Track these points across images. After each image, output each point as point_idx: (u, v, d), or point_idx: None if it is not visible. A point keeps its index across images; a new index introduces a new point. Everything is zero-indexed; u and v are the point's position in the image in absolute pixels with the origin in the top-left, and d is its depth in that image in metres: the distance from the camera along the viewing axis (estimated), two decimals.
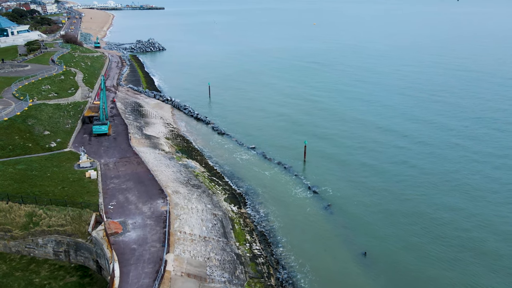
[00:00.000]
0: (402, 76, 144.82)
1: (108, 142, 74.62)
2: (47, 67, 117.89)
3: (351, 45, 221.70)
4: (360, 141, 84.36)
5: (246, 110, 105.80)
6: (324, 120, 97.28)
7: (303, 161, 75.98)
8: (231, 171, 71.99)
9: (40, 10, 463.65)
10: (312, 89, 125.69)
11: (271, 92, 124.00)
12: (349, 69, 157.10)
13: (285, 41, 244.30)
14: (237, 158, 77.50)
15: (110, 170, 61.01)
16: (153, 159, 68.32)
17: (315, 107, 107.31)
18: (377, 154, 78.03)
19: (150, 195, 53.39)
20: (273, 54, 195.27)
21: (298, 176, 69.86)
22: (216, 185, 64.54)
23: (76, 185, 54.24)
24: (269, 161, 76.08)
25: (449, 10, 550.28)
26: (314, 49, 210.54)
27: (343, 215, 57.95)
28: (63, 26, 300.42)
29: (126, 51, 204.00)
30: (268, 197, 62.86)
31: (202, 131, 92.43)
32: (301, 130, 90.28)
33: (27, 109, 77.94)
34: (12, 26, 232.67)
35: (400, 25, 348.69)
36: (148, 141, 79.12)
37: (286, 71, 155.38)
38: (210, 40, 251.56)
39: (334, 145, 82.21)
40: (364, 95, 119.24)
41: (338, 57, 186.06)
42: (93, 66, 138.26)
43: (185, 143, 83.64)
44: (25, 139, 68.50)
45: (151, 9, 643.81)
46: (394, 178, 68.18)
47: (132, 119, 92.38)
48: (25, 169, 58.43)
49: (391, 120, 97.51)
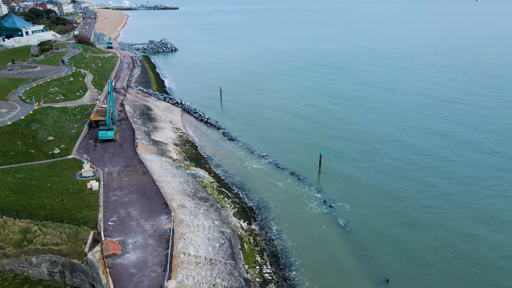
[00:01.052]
0: (422, 80, 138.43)
1: (114, 149, 71.40)
2: (57, 68, 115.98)
3: (368, 47, 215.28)
4: (380, 152, 79.18)
5: (258, 115, 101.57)
6: (340, 128, 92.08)
7: (318, 171, 71.37)
8: (241, 181, 67.87)
9: (57, 10, 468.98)
10: (328, 94, 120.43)
11: (284, 96, 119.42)
12: (365, 72, 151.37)
13: (300, 42, 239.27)
14: (248, 167, 73.36)
15: (113, 180, 57.60)
16: (160, 168, 64.73)
17: (331, 114, 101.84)
18: (399, 166, 72.79)
19: (153, 210, 49.66)
20: (288, 55, 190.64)
21: (313, 189, 65.30)
22: (225, 198, 60.51)
23: (76, 197, 50.91)
24: (282, 171, 71.71)
25: (468, 10, 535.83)
26: (329, 50, 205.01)
27: (363, 234, 53.19)
28: (78, 26, 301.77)
29: (138, 51, 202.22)
30: (280, 212, 58.53)
31: (212, 136, 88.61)
32: (316, 138, 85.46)
33: (32, 113, 75.39)
34: (27, 26, 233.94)
35: (418, 25, 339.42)
36: (156, 148, 75.66)
37: (301, 74, 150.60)
38: (223, 41, 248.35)
39: (352, 155, 77.22)
40: (383, 101, 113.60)
41: (354, 59, 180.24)
42: (104, 67, 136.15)
43: (194, 150, 79.92)
44: (28, 145, 65.76)
45: (166, 9, 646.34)
46: (420, 194, 62.96)
47: (140, 123, 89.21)
48: (25, 178, 55.47)
49: (412, 128, 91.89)
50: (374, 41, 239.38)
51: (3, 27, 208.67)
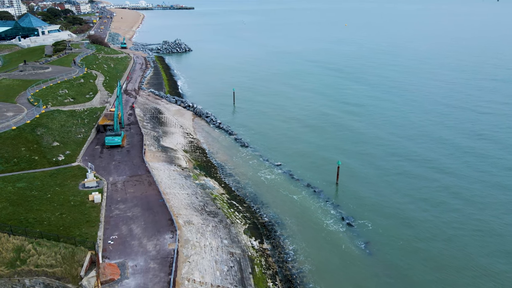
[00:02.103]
0: (445, 85, 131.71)
1: (121, 156, 68.22)
2: (68, 69, 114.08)
3: (386, 49, 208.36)
4: (404, 165, 73.82)
5: (272, 121, 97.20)
6: (360, 137, 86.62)
7: (335, 184, 66.64)
8: (253, 193, 63.68)
9: (74, 9, 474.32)
10: (346, 100, 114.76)
11: (300, 101, 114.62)
12: (384, 77, 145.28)
13: (316, 43, 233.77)
14: (261, 177, 69.12)
15: (117, 192, 54.22)
16: (167, 178, 61.14)
17: (350, 121, 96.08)
18: (426, 181, 67.40)
19: (158, 227, 45.96)
20: (303, 57, 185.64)
21: (330, 203, 60.65)
22: (236, 212, 56.45)
23: (76, 211, 47.63)
24: (297, 182, 67.23)
25: (489, 11, 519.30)
26: (346, 52, 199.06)
27: (385, 258, 48.35)
28: (94, 26, 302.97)
29: (152, 52, 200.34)
30: (294, 229, 54.12)
31: (224, 143, 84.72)
32: (333, 148, 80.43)
33: (39, 116, 72.90)
34: (43, 25, 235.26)
35: (439, 26, 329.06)
36: (164, 155, 72.21)
37: (317, 77, 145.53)
38: (238, 41, 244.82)
39: (372, 167, 72.04)
40: (404, 109, 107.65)
41: (372, 61, 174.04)
42: (116, 68, 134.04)
43: (204, 157, 76.17)
44: (31, 151, 63.09)
45: (181, 9, 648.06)
46: (449, 214, 57.63)
47: (149, 128, 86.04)
48: (25, 188, 52.57)
49: (438, 137, 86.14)
50: (393, 42, 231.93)
51: (20, 26, 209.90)
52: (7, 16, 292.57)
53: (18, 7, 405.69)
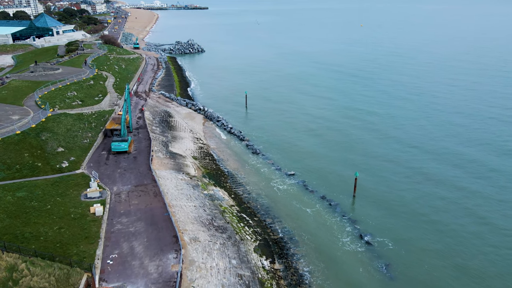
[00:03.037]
0: (471, 88, 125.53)
1: (127, 163, 65.38)
2: (79, 70, 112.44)
3: (404, 50, 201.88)
4: (429, 176, 69.03)
5: (285, 126, 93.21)
6: (379, 145, 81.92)
7: (352, 196, 62.40)
8: (265, 205, 59.93)
9: (90, 9, 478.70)
10: (364, 105, 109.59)
11: (315, 105, 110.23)
12: (404, 79, 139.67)
13: (331, 44, 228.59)
14: (273, 187, 65.35)
15: (121, 204, 51.23)
16: (174, 188, 57.94)
17: (368, 128, 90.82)
18: (453, 194, 62.61)
19: (161, 245, 42.68)
20: (319, 58, 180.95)
21: (347, 218, 56.49)
22: (246, 227, 52.83)
23: (75, 225, 44.75)
24: (311, 194, 63.22)
25: (509, 11, 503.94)
26: (362, 54, 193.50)
27: (409, 282, 44.01)
28: (108, 26, 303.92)
29: (165, 52, 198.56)
30: (308, 248, 50.18)
31: (235, 149, 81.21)
32: (350, 157, 75.83)
33: (44, 120, 70.70)
34: (58, 25, 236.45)
35: (458, 27, 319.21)
36: (172, 162, 69.11)
37: (334, 80, 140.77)
38: (252, 42, 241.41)
39: (392, 179, 67.39)
40: (426, 114, 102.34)
41: (389, 64, 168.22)
42: (127, 69, 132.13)
43: (214, 165, 72.78)
44: (35, 157, 60.74)
45: (195, 8, 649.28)
46: (484, 238, 52.81)
47: (158, 132, 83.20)
48: (25, 198, 50.03)
49: (464, 146, 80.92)
50: (411, 44, 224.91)
51: (34, 26, 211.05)
52: (23, 15, 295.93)
53: (35, 7, 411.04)
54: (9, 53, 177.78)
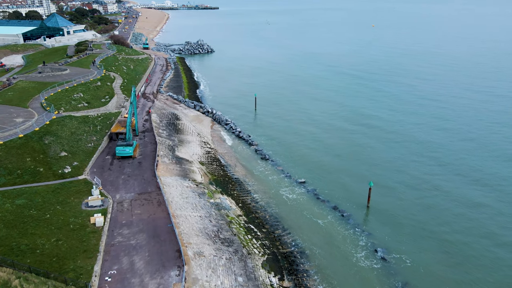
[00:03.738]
0: (490, 92, 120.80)
1: (131, 168, 63.19)
2: (87, 71, 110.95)
3: (418, 51, 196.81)
4: (449, 186, 65.43)
5: (295, 131, 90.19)
6: (395, 154, 78.04)
7: (366, 207, 59.21)
8: (274, 216, 57.11)
9: (101, 9, 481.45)
10: (379, 110, 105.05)
11: (327, 109, 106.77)
12: (419, 82, 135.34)
13: (342, 45, 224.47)
14: (282, 196, 62.49)
15: (123, 213, 48.95)
16: (179, 196, 55.51)
17: (383, 135, 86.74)
18: (477, 203, 58.98)
19: (163, 261, 40.18)
20: (330, 60, 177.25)
21: (361, 231, 53.37)
22: (254, 239, 50.09)
23: (74, 237, 42.54)
24: (323, 204, 60.19)
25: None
26: (374, 55, 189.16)
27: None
28: (118, 26, 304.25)
29: (174, 53, 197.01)
30: (320, 263, 47.23)
31: (243, 154, 78.53)
32: (364, 164, 72.35)
33: (48, 123, 68.93)
34: (69, 25, 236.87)
35: (472, 28, 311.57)
36: (178, 168, 66.74)
37: (346, 83, 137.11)
38: (262, 42, 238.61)
39: (410, 189, 63.84)
40: (446, 119, 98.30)
41: (403, 65, 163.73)
42: (136, 70, 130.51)
43: (221, 171, 70.19)
44: (37, 161, 58.92)
45: (206, 8, 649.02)
46: (506, 251, 49.24)
47: (165, 136, 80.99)
48: (24, 206, 48.08)
49: (485, 158, 76.93)
50: (424, 45, 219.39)
51: (45, 26, 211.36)
52: (35, 15, 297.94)
53: (48, 7, 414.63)
54: (20, 53, 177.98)
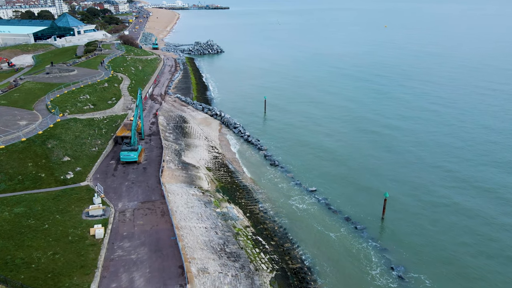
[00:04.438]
0: (508, 100, 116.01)
1: (136, 174, 60.98)
2: (94, 72, 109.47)
3: (432, 53, 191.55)
4: (470, 198, 61.75)
5: (306, 135, 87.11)
6: (413, 161, 74.28)
7: (381, 219, 55.98)
8: (283, 227, 54.26)
9: (113, 9, 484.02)
10: (395, 115, 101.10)
11: (339, 113, 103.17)
12: (435, 85, 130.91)
13: (355, 45, 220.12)
14: (292, 205, 59.60)
15: (125, 224, 46.65)
16: (184, 205, 53.04)
17: (399, 142, 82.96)
18: (500, 216, 55.30)
19: (164, 278, 37.69)
20: (342, 61, 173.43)
21: (375, 245, 50.20)
22: (262, 253, 47.32)
23: (72, 250, 40.32)
24: (335, 214, 57.13)
25: None
26: (387, 56, 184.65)
27: None
28: (129, 26, 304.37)
29: (183, 53, 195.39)
30: (331, 280, 44.25)
31: (252, 159, 75.81)
32: (379, 173, 68.80)
33: (52, 126, 67.17)
34: (79, 25, 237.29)
35: (490, 28, 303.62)
36: (184, 174, 64.33)
37: (359, 85, 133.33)
38: (272, 43, 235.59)
39: (428, 201, 60.31)
40: (466, 126, 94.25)
41: (418, 68, 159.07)
42: (144, 71, 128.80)
43: (229, 177, 67.57)
44: (39, 166, 57.08)
45: (217, 8, 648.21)
46: None
47: (172, 140, 78.74)
48: (22, 215, 46.13)
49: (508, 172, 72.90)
50: (439, 46, 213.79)
51: (56, 26, 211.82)
52: (47, 15, 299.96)
53: (60, 7, 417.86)
54: (30, 52, 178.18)
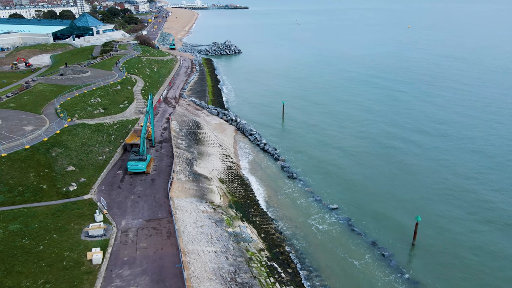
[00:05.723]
0: None
1: (143, 187, 56.84)
2: (108, 73, 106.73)
3: (461, 54, 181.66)
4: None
5: (327, 145, 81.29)
6: (451, 179, 66.74)
7: (411, 245, 49.96)
8: (301, 251, 48.97)
9: (133, 9, 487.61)
10: (428, 124, 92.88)
11: (365, 121, 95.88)
12: (469, 90, 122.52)
13: (377, 46, 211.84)
14: (311, 226, 54.18)
15: (126, 247, 42.33)
16: (193, 225, 48.44)
17: (434, 156, 75.09)
18: None
19: None
20: (365, 63, 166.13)
21: (406, 277, 44.30)
22: (277, 283, 42.18)
23: (65, 279, 36.20)
24: (359, 237, 51.42)
25: None
26: (412, 58, 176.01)
27: None
28: (148, 26, 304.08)
29: (200, 54, 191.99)
30: None
31: (268, 171, 70.66)
32: (410, 192, 62.19)
33: (59, 132, 63.88)
34: (98, 25, 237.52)
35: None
36: (195, 187, 59.82)
37: (384, 90, 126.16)
38: (291, 43, 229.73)
39: (469, 228, 53.73)
40: (507, 136, 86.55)
41: (445, 70, 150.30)
42: (159, 73, 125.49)
43: (243, 191, 62.69)
44: (41, 177, 53.62)
45: (236, 8, 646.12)
46: None
47: (184, 147, 74.48)
48: (17, 233, 42.48)
49: None
50: (468, 47, 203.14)
51: (75, 26, 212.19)
52: (68, 15, 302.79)
53: (82, 6, 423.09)
54: (49, 52, 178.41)
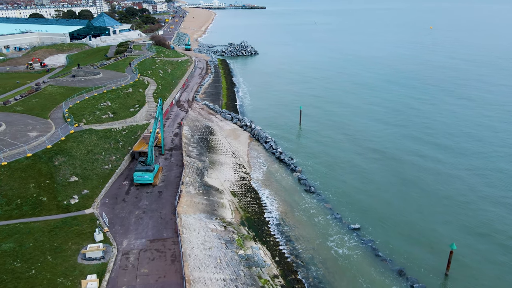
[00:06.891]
0: None
1: (149, 201, 52.88)
2: (120, 75, 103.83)
3: (491, 58, 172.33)
4: None
5: (349, 155, 75.82)
6: (493, 201, 60.58)
7: (444, 275, 44.35)
8: (319, 279, 44.00)
9: (151, 9, 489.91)
10: (463, 134, 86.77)
11: (390, 129, 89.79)
12: (495, 97, 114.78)
13: (398, 48, 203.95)
14: (331, 249, 49.13)
15: (126, 273, 38.26)
16: (200, 246, 44.10)
17: (472, 173, 68.22)
18: None
19: None
20: (387, 65, 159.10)
21: None
22: None
23: None
24: (384, 264, 46.11)
25: None
26: (435, 60, 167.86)
27: None
28: (164, 25, 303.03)
29: (216, 54, 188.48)
30: None
31: (284, 183, 65.83)
32: (443, 213, 56.11)
33: (64, 139, 60.58)
34: (115, 25, 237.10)
35: None
36: (205, 200, 55.56)
37: (409, 94, 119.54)
38: (309, 44, 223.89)
39: (506, 255, 47.88)
40: None
41: (471, 75, 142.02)
42: (173, 74, 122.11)
43: (256, 206, 58.09)
44: (41, 188, 50.29)
45: (253, 8, 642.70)
46: None
47: (195, 155, 70.40)
48: (9, 254, 39.01)
49: None
50: (498, 50, 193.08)
51: (92, 26, 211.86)
52: (87, 14, 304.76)
53: (100, 6, 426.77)
54: (65, 52, 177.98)
